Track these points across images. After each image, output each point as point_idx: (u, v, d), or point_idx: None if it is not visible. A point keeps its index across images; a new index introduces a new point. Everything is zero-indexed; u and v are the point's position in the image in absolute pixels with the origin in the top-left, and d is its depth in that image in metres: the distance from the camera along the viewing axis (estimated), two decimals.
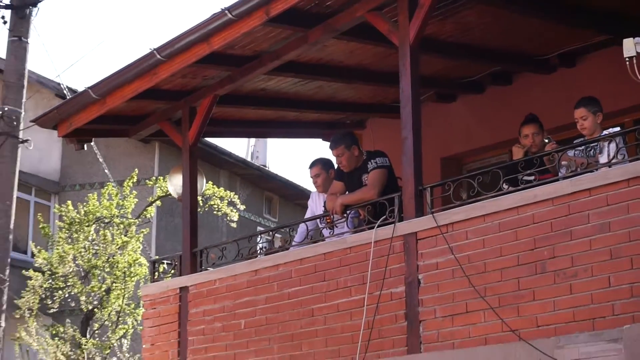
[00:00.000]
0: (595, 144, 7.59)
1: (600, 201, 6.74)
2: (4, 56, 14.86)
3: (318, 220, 9.96)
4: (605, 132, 7.72)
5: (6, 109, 13.66)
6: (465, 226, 7.84)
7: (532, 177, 7.94)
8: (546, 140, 8.19)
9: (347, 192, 9.51)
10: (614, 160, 7.00)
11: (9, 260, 13.94)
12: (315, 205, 10.31)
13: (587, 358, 6.59)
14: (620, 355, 6.31)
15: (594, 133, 7.97)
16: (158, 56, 9.74)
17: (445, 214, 8.00)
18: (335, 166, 10.16)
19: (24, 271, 16.23)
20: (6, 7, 13.31)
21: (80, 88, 11.64)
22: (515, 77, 11.15)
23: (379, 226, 8.47)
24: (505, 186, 8.11)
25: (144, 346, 11.54)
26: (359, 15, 8.90)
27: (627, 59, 6.65)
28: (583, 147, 7.94)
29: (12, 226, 14.16)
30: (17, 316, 15.49)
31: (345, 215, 9.31)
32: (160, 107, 11.24)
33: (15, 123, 13.80)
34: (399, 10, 8.51)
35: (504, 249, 7.49)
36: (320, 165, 10.41)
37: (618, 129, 7.86)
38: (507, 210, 7.57)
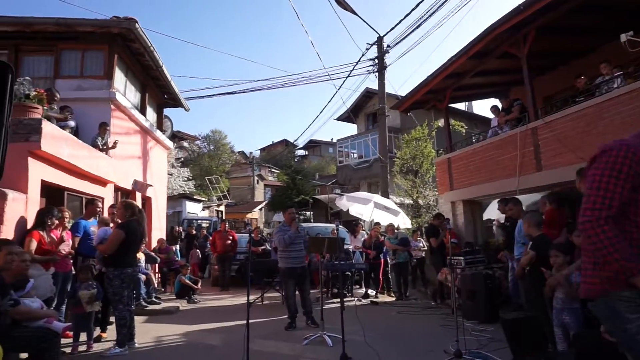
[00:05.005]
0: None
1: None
2: (376, 87, 14.50)
3: (496, 127, 9.21)
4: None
5: (380, 105, 13.43)
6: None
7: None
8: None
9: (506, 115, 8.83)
10: None
11: (387, 154, 13.77)
12: (494, 122, 9.39)
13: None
14: None
15: None
16: (429, 79, 9.51)
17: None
18: (500, 107, 9.41)
19: (394, 159, 16.46)
20: (375, 72, 13.43)
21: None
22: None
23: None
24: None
25: (437, 179, 11.30)
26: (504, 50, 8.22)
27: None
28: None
29: (387, 143, 13.99)
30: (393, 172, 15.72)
31: (505, 124, 8.75)
32: (432, 96, 10.62)
33: (384, 109, 13.32)
34: (519, 44, 7.76)
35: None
36: (495, 107, 9.55)
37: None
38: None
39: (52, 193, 6.50)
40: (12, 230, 5.29)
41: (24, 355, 3.66)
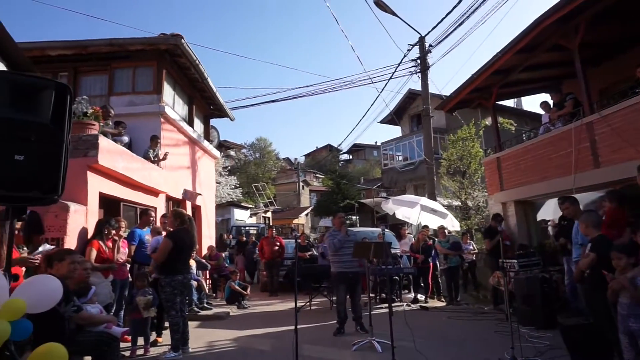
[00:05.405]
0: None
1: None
2: (419, 88, 14.27)
3: (547, 123, 8.72)
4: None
5: (424, 106, 12.88)
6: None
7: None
8: None
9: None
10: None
11: (433, 156, 13.25)
12: (545, 119, 8.90)
13: None
14: None
15: None
16: (474, 77, 9.23)
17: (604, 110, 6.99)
18: (551, 103, 8.90)
19: (440, 161, 16.13)
20: (417, 72, 12.92)
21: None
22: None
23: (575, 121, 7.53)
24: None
25: (486, 180, 10.94)
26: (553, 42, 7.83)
27: None
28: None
29: (432, 144, 13.60)
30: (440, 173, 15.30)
31: (558, 120, 8.24)
32: (477, 94, 10.20)
33: (428, 110, 12.85)
34: (570, 35, 7.38)
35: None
36: (545, 103, 9.02)
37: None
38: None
39: (109, 204, 6.85)
40: (75, 240, 5.64)
41: (87, 358, 3.85)
